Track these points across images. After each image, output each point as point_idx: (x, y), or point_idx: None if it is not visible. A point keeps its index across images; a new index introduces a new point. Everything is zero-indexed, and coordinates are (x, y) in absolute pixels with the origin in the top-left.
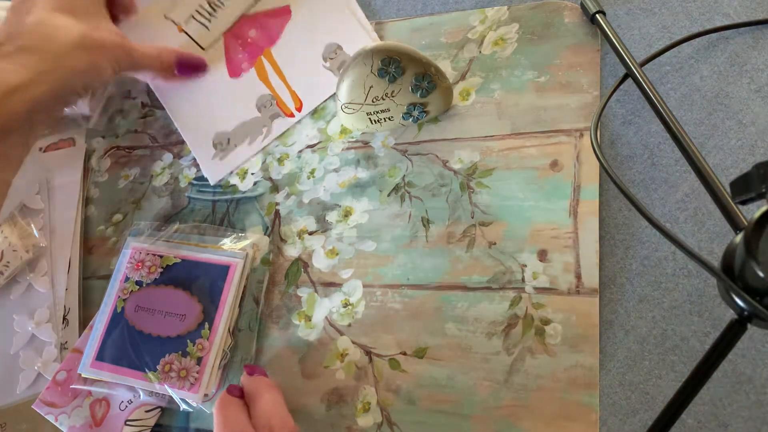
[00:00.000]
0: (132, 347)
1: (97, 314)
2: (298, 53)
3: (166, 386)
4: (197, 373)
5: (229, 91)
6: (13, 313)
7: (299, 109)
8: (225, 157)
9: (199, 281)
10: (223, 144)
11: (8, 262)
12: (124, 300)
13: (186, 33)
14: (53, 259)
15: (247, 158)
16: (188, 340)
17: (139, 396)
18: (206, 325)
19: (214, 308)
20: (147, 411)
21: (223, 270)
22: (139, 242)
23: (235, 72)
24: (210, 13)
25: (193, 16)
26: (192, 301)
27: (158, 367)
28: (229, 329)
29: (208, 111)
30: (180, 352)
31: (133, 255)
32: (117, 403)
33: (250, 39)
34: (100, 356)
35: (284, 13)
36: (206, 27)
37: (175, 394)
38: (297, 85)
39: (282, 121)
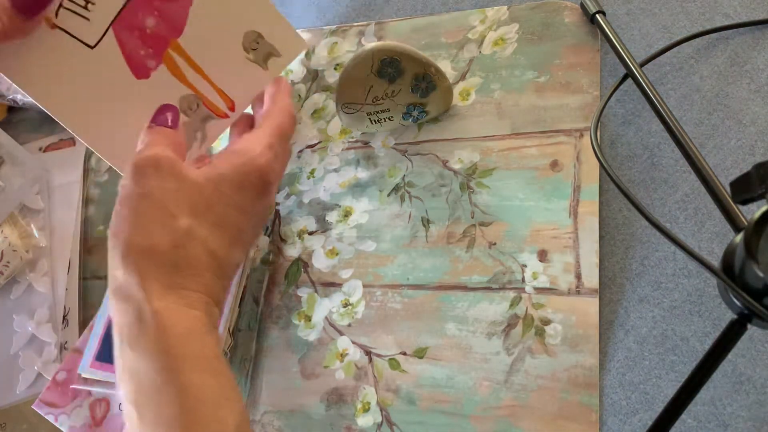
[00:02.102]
0: None
1: (97, 314)
2: (212, 44)
3: None
4: None
5: (140, 96)
6: (13, 313)
7: (232, 109)
8: None
9: None
10: None
11: (8, 262)
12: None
13: (61, 29)
14: (53, 259)
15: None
16: None
17: None
18: None
19: None
20: None
21: None
22: None
23: (141, 72)
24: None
25: (62, 5)
26: None
27: None
28: (229, 329)
29: (122, 122)
30: None
31: None
32: (117, 403)
33: (150, 30)
34: (100, 356)
35: None
36: (85, 18)
37: None
38: (223, 83)
39: (217, 124)
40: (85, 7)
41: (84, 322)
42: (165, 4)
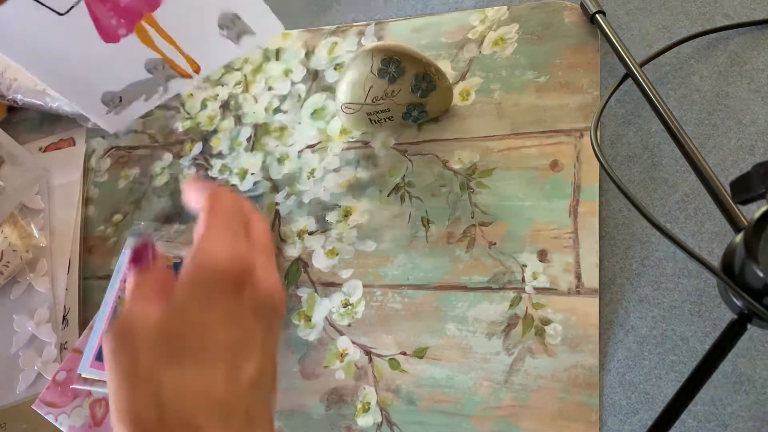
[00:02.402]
0: None
1: (97, 314)
2: (187, 20)
3: None
4: None
5: (107, 56)
6: (13, 313)
7: (197, 71)
8: (120, 112)
9: None
10: (114, 102)
11: (8, 262)
12: (124, 300)
13: None
14: (53, 259)
15: (147, 110)
16: None
17: None
18: None
19: None
20: None
21: None
22: None
23: (110, 37)
24: None
25: None
26: None
27: None
28: None
29: (87, 73)
30: None
31: None
32: None
33: (123, 3)
34: (100, 356)
35: None
36: None
37: None
38: (192, 51)
39: (179, 82)
40: None
41: (84, 322)
42: None
